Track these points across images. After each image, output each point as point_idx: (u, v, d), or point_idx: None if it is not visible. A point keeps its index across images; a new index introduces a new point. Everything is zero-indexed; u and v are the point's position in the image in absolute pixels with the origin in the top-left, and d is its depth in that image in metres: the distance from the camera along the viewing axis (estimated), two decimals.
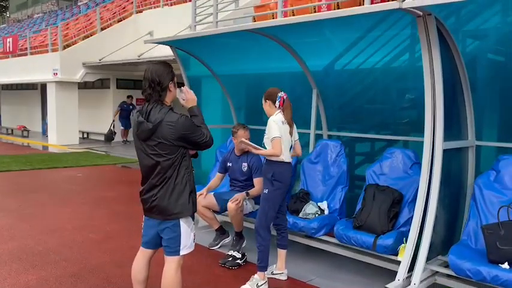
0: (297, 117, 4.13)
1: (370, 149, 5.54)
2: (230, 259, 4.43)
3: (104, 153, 13.21)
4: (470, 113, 4.26)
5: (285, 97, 3.94)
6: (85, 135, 17.41)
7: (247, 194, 4.63)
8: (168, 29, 13.19)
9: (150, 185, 3.02)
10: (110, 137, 15.43)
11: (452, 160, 4.08)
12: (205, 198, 4.78)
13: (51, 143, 15.13)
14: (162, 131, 2.91)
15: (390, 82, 5.35)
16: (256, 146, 3.89)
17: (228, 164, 4.93)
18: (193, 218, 3.13)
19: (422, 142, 4.65)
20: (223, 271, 4.35)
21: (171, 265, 3.07)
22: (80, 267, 4.31)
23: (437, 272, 3.83)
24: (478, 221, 3.83)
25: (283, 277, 4.16)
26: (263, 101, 3.96)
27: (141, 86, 3.07)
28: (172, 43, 5.58)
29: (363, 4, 6.85)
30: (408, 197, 4.28)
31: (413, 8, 3.32)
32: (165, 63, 3.09)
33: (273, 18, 9.19)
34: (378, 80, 5.43)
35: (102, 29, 15.61)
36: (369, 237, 3.99)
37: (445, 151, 3.74)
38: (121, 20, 16.19)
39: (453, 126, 4.07)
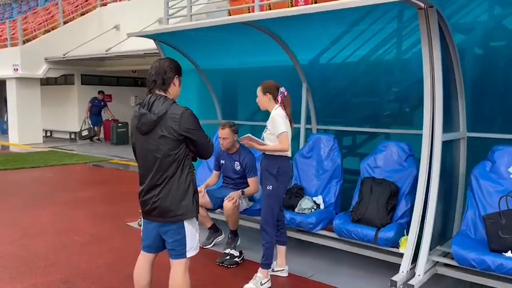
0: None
1: (358, 143, 5.56)
2: (228, 257, 4.33)
3: (71, 152, 12.71)
4: (462, 105, 4.34)
5: (285, 93, 3.90)
6: (48, 134, 16.72)
7: (243, 192, 4.55)
8: (135, 23, 12.82)
9: (150, 185, 2.85)
10: (92, 133, 14.92)
11: (446, 152, 4.14)
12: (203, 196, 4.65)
13: (12, 143, 14.43)
14: (166, 123, 2.76)
15: (378, 75, 5.38)
16: (260, 141, 3.79)
17: (221, 161, 4.82)
18: (197, 219, 3.01)
19: (411, 135, 4.78)
20: (222, 270, 4.24)
21: (178, 268, 2.93)
22: (72, 273, 4.09)
23: (437, 262, 3.88)
24: (476, 211, 3.90)
25: (284, 274, 4.11)
26: (261, 94, 3.85)
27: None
28: (157, 36, 5.39)
29: None
30: (404, 190, 4.31)
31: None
32: (175, 60, 2.97)
33: (249, 12, 9.11)
34: (366, 73, 5.45)
35: (64, 23, 15.00)
36: (370, 231, 3.99)
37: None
38: (84, 14, 15.60)
39: (447, 118, 4.12)
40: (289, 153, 3.83)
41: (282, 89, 3.85)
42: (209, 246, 4.80)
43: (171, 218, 2.85)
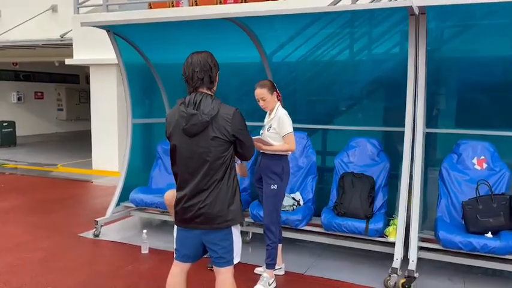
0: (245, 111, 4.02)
1: (320, 140, 5.74)
2: None
3: None
4: (424, 103, 4.75)
5: None
6: None
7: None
8: (21, 10, 11.47)
9: (195, 190, 2.63)
10: None
11: None
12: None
13: None
14: (219, 123, 2.58)
15: (333, 75, 5.61)
16: (267, 141, 3.69)
17: None
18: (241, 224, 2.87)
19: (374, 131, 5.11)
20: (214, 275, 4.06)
21: (227, 276, 2.78)
22: None
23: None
24: (448, 199, 4.35)
25: (282, 272, 4.11)
26: (269, 94, 3.74)
27: None
28: (110, 28, 4.89)
29: None
30: (380, 182, 4.61)
31: (421, 6, 3.59)
32: (211, 53, 2.75)
33: (173, 6, 8.80)
34: (321, 73, 5.65)
35: None
36: (359, 223, 4.19)
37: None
38: None
39: None
40: (289, 153, 3.86)
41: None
42: None
43: (218, 224, 2.66)
